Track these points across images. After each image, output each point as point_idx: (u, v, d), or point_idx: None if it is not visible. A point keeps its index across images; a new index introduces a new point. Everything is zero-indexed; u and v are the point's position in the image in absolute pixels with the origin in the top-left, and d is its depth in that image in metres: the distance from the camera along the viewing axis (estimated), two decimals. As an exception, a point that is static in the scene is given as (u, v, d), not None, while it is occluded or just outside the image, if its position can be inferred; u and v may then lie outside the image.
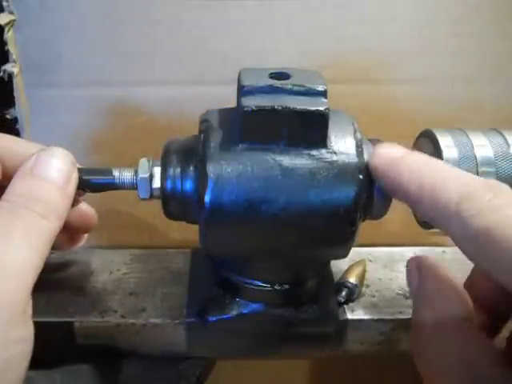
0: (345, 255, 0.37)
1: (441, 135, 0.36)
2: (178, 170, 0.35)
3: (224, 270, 0.40)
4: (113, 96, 0.46)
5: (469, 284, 0.31)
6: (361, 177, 0.33)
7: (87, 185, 0.36)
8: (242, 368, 0.62)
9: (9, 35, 0.42)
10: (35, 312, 0.35)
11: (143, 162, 0.36)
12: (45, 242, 0.29)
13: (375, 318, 0.41)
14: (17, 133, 0.46)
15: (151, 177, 0.35)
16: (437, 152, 0.35)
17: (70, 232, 0.41)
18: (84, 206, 0.40)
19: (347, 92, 0.46)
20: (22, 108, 0.45)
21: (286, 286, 0.39)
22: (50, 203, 0.30)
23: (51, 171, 0.31)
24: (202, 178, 0.33)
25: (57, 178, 0.31)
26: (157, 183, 0.35)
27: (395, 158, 0.30)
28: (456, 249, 0.26)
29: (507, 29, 0.46)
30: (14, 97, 0.44)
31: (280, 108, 0.32)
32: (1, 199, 0.30)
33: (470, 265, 0.27)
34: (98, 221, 0.42)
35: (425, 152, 0.36)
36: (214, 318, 0.39)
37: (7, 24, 0.42)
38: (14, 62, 0.43)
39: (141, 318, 0.40)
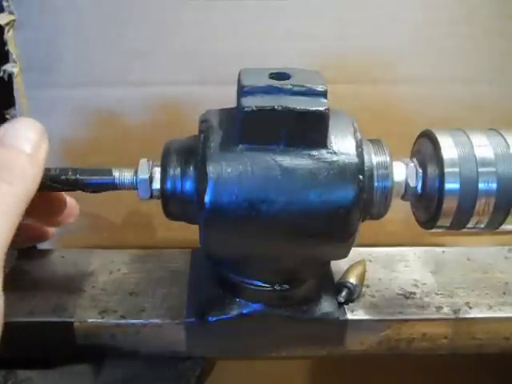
0: (345, 255, 0.37)
1: (441, 135, 0.36)
2: (178, 170, 0.35)
3: (224, 270, 0.40)
4: (113, 96, 0.46)
5: None
6: (361, 177, 0.33)
7: (87, 185, 0.36)
8: (242, 368, 0.62)
9: (9, 35, 0.42)
10: (35, 312, 0.35)
11: (143, 163, 0.36)
12: (14, 207, 0.29)
13: (375, 318, 0.41)
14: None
15: (151, 177, 0.35)
16: (437, 152, 0.35)
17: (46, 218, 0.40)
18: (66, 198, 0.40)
19: (347, 92, 0.46)
20: (22, 108, 0.45)
21: (286, 286, 0.39)
22: (16, 169, 0.30)
23: (20, 139, 0.31)
24: (202, 178, 0.33)
25: (25, 145, 0.31)
26: (157, 183, 0.35)
27: None
28: (456, 249, 0.26)
29: (507, 29, 0.46)
30: (13, 97, 0.44)
31: (280, 108, 0.32)
32: None
33: (470, 264, 0.27)
34: (98, 221, 0.42)
35: (425, 152, 0.37)
36: (214, 318, 0.39)
37: (7, 24, 0.42)
38: (14, 61, 0.43)
39: (141, 318, 0.40)
